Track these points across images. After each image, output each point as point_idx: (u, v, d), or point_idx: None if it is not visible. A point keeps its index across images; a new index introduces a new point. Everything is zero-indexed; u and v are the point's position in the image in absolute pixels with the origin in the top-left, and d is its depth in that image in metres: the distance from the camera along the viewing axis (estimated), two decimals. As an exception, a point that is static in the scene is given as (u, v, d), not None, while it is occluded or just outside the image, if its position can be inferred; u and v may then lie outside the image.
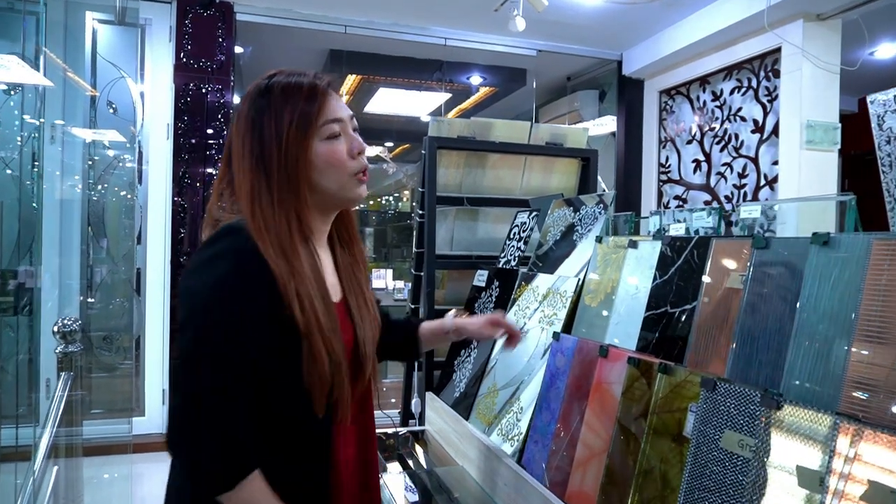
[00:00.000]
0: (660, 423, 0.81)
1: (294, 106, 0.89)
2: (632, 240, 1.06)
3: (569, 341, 1.08)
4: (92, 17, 3.53)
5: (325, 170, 0.91)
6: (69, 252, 3.58)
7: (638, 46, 4.11)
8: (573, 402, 1.01)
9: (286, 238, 0.89)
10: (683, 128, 3.98)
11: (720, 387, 0.72)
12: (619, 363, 0.92)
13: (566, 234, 1.38)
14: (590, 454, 0.93)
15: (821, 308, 0.69)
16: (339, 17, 3.73)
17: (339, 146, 0.92)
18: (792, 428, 0.62)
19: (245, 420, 0.83)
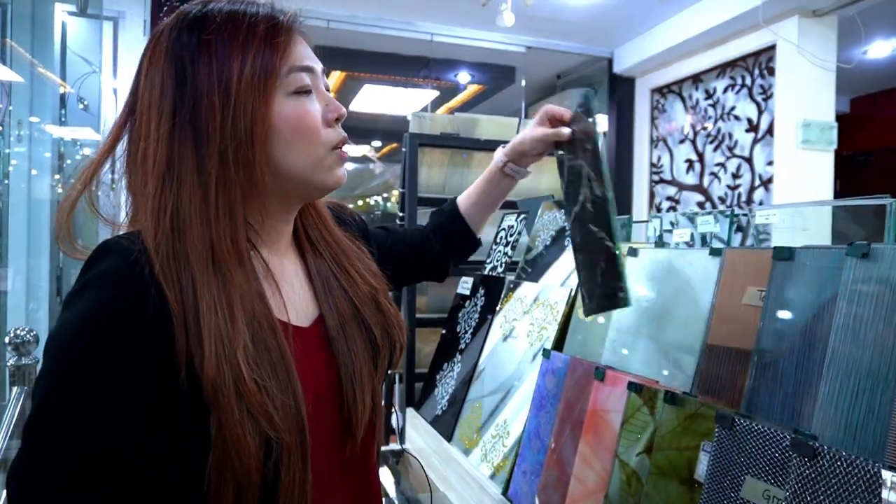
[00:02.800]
0: (665, 462, 0.70)
1: (246, 45, 0.61)
2: (631, 247, 0.95)
3: (560, 360, 0.97)
4: (61, 10, 3.39)
5: (293, 140, 0.64)
6: (38, 254, 3.43)
7: (629, 44, 4.02)
8: (565, 430, 0.90)
9: (222, 247, 0.60)
10: (675, 127, 3.90)
11: (739, 424, 0.61)
12: (619, 388, 0.81)
13: (557, 239, 1.27)
14: (584, 491, 0.82)
15: (860, 331, 0.58)
16: (321, 10, 3.61)
17: (311, 106, 0.65)
18: (833, 481, 0.51)
19: None
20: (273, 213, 0.69)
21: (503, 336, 1.25)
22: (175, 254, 0.58)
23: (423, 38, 3.85)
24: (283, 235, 0.72)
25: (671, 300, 0.86)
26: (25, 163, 3.41)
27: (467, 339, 1.38)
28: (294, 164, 0.65)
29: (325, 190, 0.70)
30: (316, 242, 0.76)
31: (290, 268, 0.72)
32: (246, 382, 0.55)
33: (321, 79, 0.68)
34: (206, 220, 0.60)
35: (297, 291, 0.71)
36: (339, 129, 0.68)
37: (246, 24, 0.62)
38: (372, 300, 0.75)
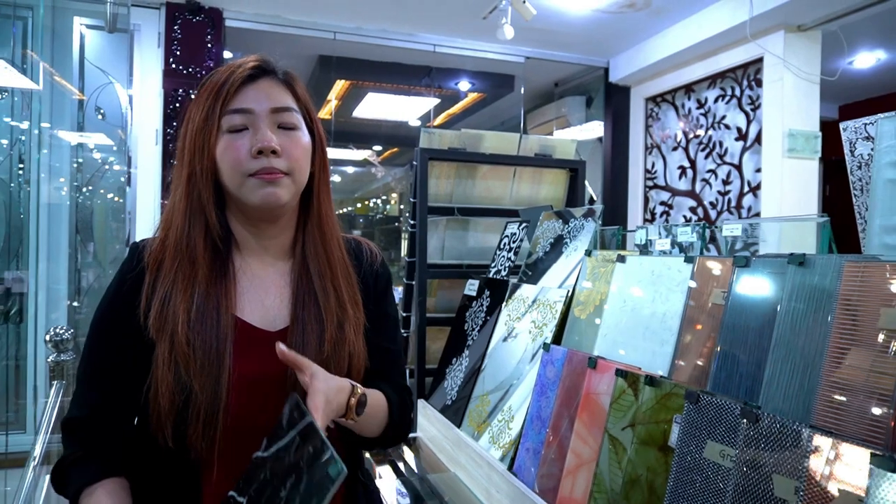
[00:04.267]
0: (646, 434, 0.85)
1: (206, 96, 0.83)
2: (620, 254, 1.10)
3: (559, 352, 1.11)
4: (80, 23, 3.53)
5: (223, 166, 0.82)
6: (57, 257, 3.56)
7: (624, 54, 4.18)
8: (563, 412, 1.05)
9: (184, 240, 0.82)
10: (669, 134, 4.05)
11: (703, 399, 0.76)
12: (608, 374, 0.96)
13: (555, 246, 1.42)
14: (579, 462, 0.97)
15: (797, 325, 0.73)
16: (328, 23, 3.75)
17: (238, 141, 0.81)
18: (770, 439, 0.66)
19: (101, 426, 0.81)
20: (244, 223, 0.88)
21: (504, 336, 1.40)
22: (163, 244, 0.84)
23: (425, 49, 4.00)
24: (269, 246, 0.89)
25: (652, 299, 1.01)
26: (45, 169, 3.55)
27: (474, 336, 1.53)
28: (229, 185, 0.83)
29: (256, 207, 0.83)
30: (309, 258, 0.89)
31: (273, 276, 0.88)
32: (178, 335, 0.77)
33: (268, 117, 0.83)
34: (184, 219, 0.83)
35: (273, 297, 0.87)
36: (263, 159, 0.81)
37: (209, 82, 0.84)
38: (337, 322, 0.86)
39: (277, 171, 0.81)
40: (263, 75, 0.85)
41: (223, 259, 0.84)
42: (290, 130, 0.84)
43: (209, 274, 0.82)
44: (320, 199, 0.92)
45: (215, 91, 0.82)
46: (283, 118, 0.84)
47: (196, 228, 0.83)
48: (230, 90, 0.82)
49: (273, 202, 0.82)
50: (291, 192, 0.85)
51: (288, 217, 0.90)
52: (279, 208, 0.84)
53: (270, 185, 0.81)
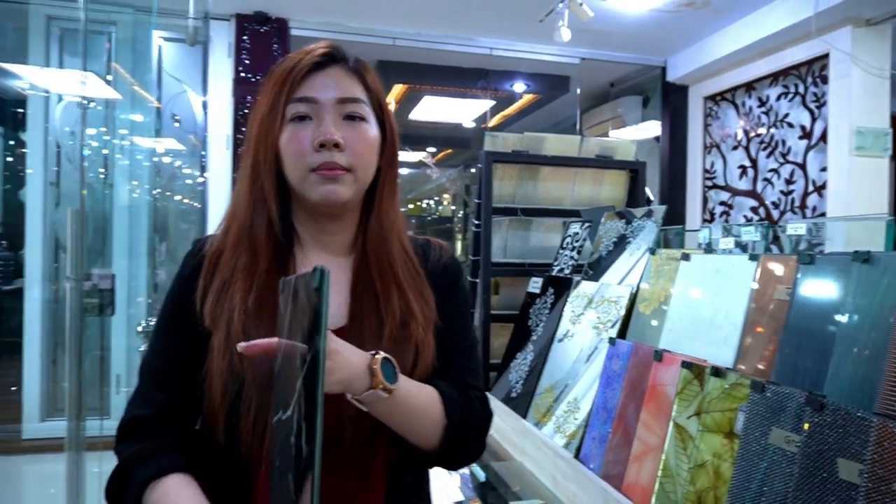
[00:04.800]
0: (712, 422, 0.90)
1: (273, 83, 0.80)
2: (684, 253, 1.14)
3: (624, 346, 1.17)
4: (158, 36, 3.76)
5: (286, 158, 0.79)
6: (136, 255, 3.81)
7: (682, 53, 4.14)
8: (629, 402, 1.10)
9: (246, 231, 0.80)
10: (729, 133, 3.99)
11: (768, 389, 0.81)
12: (673, 367, 1.01)
13: (618, 245, 1.47)
14: (645, 449, 1.02)
15: (862, 321, 0.77)
16: (388, 29, 3.88)
17: (301, 132, 0.78)
18: (834, 425, 0.71)
19: (167, 424, 0.77)
20: (306, 218, 0.84)
21: (565, 333, 1.46)
22: (226, 235, 0.83)
23: (482, 53, 4.07)
24: (330, 242, 0.85)
25: (716, 296, 1.05)
26: (126, 173, 3.81)
27: (538, 331, 1.59)
28: (290, 178, 0.80)
29: (315, 203, 0.79)
30: (369, 255, 0.84)
31: (334, 271, 0.82)
32: (234, 323, 0.75)
33: (334, 108, 0.78)
34: (247, 210, 0.81)
35: (332, 294, 0.80)
36: (325, 153, 0.76)
37: (278, 68, 0.81)
38: (400, 319, 0.80)
39: (339, 168, 0.77)
40: (332, 63, 0.81)
41: (284, 252, 0.81)
42: (357, 122, 0.80)
43: (269, 266, 0.79)
44: (383, 196, 0.86)
45: (282, 78, 0.79)
46: (349, 109, 0.80)
47: (258, 220, 0.80)
48: (296, 77, 0.78)
49: (333, 200, 0.78)
50: (353, 190, 0.80)
51: (351, 213, 0.86)
52: (340, 206, 0.81)
53: (331, 182, 0.77)
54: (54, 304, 3.73)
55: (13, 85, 4.81)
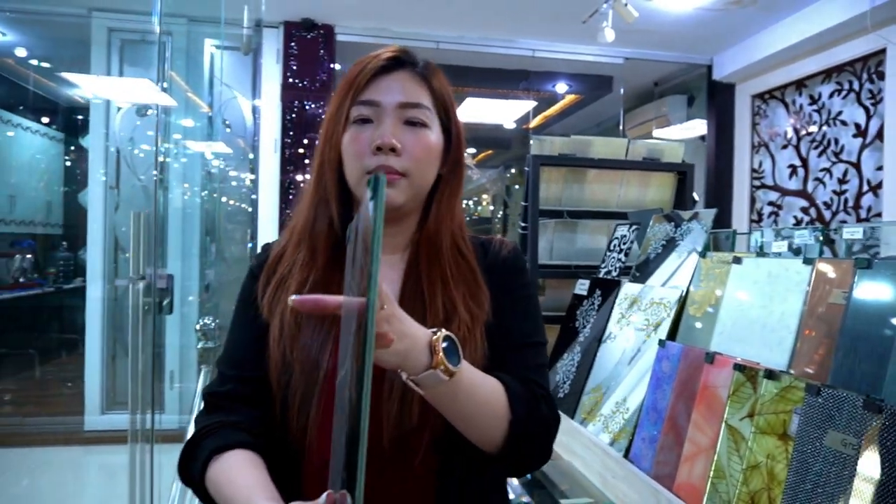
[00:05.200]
0: (765, 424, 0.90)
1: (343, 85, 0.82)
2: (736, 256, 1.15)
3: (674, 348, 1.18)
4: (210, 44, 3.90)
5: (346, 160, 0.81)
6: (189, 256, 3.96)
7: (729, 51, 4.07)
8: (679, 404, 1.12)
9: (308, 230, 0.83)
10: (778, 132, 3.91)
11: (823, 392, 0.81)
12: (726, 369, 1.02)
13: (667, 247, 1.47)
14: (696, 450, 1.03)
15: (921, 324, 0.77)
16: (431, 33, 3.93)
17: (362, 134, 0.79)
18: (892, 430, 0.71)
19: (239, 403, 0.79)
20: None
21: (613, 335, 1.47)
22: (291, 233, 0.86)
23: (524, 54, 4.09)
24: (387, 242, 0.84)
25: (770, 299, 1.05)
26: (179, 177, 3.97)
27: (585, 332, 1.61)
28: (349, 178, 0.81)
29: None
30: (421, 258, 0.83)
31: (386, 271, 0.83)
32: (287, 313, 0.78)
33: (396, 112, 0.79)
34: (310, 209, 0.84)
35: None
36: (381, 156, 0.77)
37: (349, 70, 0.83)
38: (443, 319, 0.78)
39: (394, 172, 0.78)
40: (399, 67, 0.82)
41: (343, 251, 0.79)
42: (417, 128, 0.80)
43: (325, 263, 0.82)
44: (442, 201, 0.86)
45: (350, 80, 0.81)
46: (410, 114, 0.80)
47: (320, 218, 0.83)
48: (362, 80, 0.80)
49: (385, 205, 0.80)
50: (408, 195, 0.80)
51: (409, 217, 0.86)
52: (393, 210, 0.81)
53: (385, 186, 0.78)
54: (113, 303, 3.90)
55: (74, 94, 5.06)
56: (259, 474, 0.71)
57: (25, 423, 4.11)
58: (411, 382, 0.65)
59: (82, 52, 3.75)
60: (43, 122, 5.54)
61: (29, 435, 3.75)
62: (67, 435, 3.69)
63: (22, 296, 4.98)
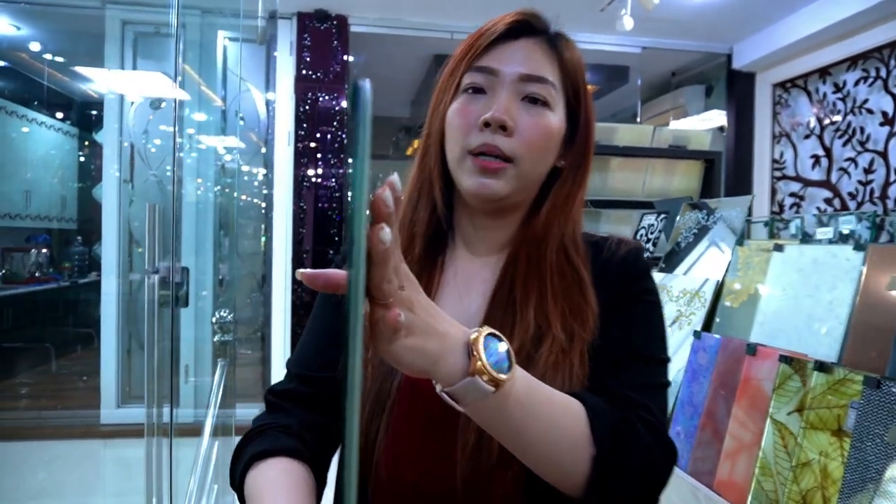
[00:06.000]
0: (816, 419, 0.86)
1: (460, 50, 0.72)
2: (777, 244, 1.09)
3: (711, 340, 1.13)
4: (223, 36, 3.87)
5: (449, 133, 0.70)
6: (203, 250, 3.94)
7: (750, 39, 3.98)
8: (718, 398, 1.07)
9: (409, 213, 0.74)
10: (800, 121, 3.82)
11: (884, 385, 0.76)
12: (769, 361, 0.97)
13: (698, 237, 1.42)
14: (739, 446, 0.99)
15: None
16: (445, 23, 3.87)
17: (470, 105, 0.68)
18: (965, 424, 0.66)
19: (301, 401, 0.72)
20: (464, 206, 0.73)
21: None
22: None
23: (540, 44, 4.01)
24: (485, 238, 0.74)
25: (816, 288, 1.00)
26: (193, 171, 3.95)
27: (612, 324, 1.56)
28: (449, 157, 0.70)
29: (468, 194, 0.69)
30: (519, 259, 0.71)
31: (480, 270, 0.73)
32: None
33: (506, 83, 0.68)
34: (413, 189, 0.75)
35: (474, 295, 0.71)
36: (488, 134, 0.66)
37: (468, 38, 0.72)
38: (533, 335, 0.66)
39: (499, 155, 0.66)
40: (526, 34, 0.71)
41: (439, 242, 0.74)
42: (537, 107, 0.68)
43: (422, 253, 0.72)
44: (556, 201, 0.72)
45: (469, 43, 0.71)
46: (531, 89, 0.68)
47: (423, 202, 0.74)
48: (482, 45, 0.69)
49: (485, 195, 0.67)
50: (513, 186, 0.68)
51: (512, 212, 0.73)
52: (493, 202, 0.69)
53: (486, 174, 0.67)
54: (128, 297, 3.90)
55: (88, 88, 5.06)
56: (293, 490, 0.61)
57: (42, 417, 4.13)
58: (446, 395, 0.51)
59: (96, 45, 3.73)
60: (57, 117, 5.55)
61: (46, 428, 3.76)
62: (84, 428, 3.70)
63: (37, 290, 5.00)
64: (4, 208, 4.87)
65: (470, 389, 0.49)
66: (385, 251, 0.40)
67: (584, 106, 0.74)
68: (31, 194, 5.21)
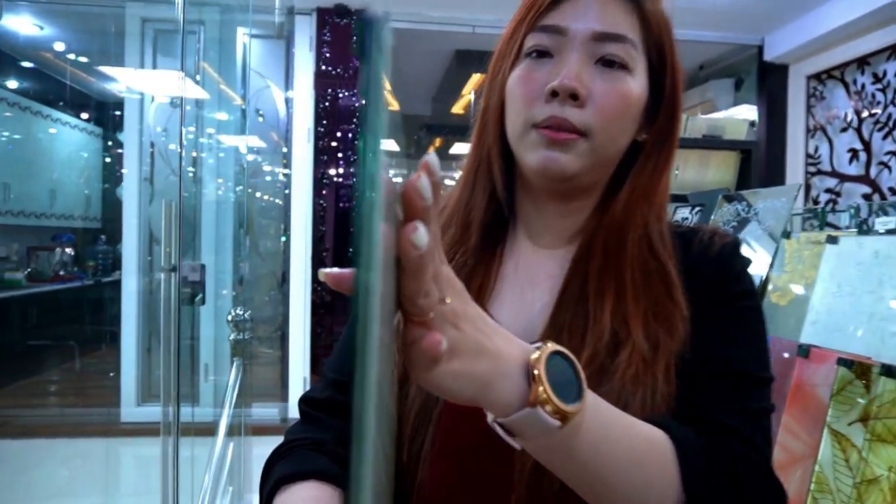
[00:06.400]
0: (884, 430, 0.76)
1: (520, 9, 0.62)
2: (831, 235, 1.00)
3: (756, 340, 1.04)
4: (242, 32, 3.85)
5: (509, 105, 0.61)
6: (223, 249, 3.92)
7: (783, 29, 3.84)
8: (766, 404, 0.98)
9: (465, 198, 0.65)
10: (836, 114, 3.67)
11: (967, 393, 0.67)
12: (826, 365, 0.88)
13: (737, 230, 1.33)
14: (790, 458, 0.89)
15: None
16: (466, 17, 3.80)
17: (535, 71, 0.59)
18: None
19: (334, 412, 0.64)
20: (527, 190, 0.64)
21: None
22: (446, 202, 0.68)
23: (564, 38, 3.92)
24: (552, 226, 0.64)
25: (878, 283, 0.90)
26: (213, 170, 3.93)
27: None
28: (509, 133, 0.62)
29: (530, 172, 0.60)
30: (593, 251, 0.61)
31: (546, 264, 0.64)
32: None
33: (577, 44, 0.57)
34: (469, 171, 0.66)
35: (538, 293, 0.62)
36: (556, 105, 0.57)
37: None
38: (607, 344, 0.55)
39: (569, 128, 0.56)
40: None
41: (497, 230, 0.65)
42: (614, 71, 0.58)
43: (478, 243, 0.63)
44: (639, 181, 0.62)
45: (530, 1, 0.61)
46: (608, 50, 0.58)
47: (480, 185, 0.65)
48: (546, 0, 0.59)
49: (553, 172, 0.58)
50: (585, 163, 0.58)
51: (585, 194, 0.63)
52: (562, 182, 0.59)
53: (555, 147, 0.57)
54: (148, 296, 3.90)
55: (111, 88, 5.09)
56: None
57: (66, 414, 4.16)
58: (499, 428, 0.42)
59: (118, 44, 3.74)
60: (82, 117, 5.61)
61: (69, 425, 3.78)
62: (105, 426, 3.70)
63: (62, 289, 5.05)
64: (30, 207, 4.93)
65: (530, 422, 0.40)
66: (420, 258, 0.32)
67: (671, 69, 0.63)
68: (56, 193, 5.27)
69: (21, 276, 4.72)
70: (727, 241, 0.62)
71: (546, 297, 0.61)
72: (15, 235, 4.89)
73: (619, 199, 0.62)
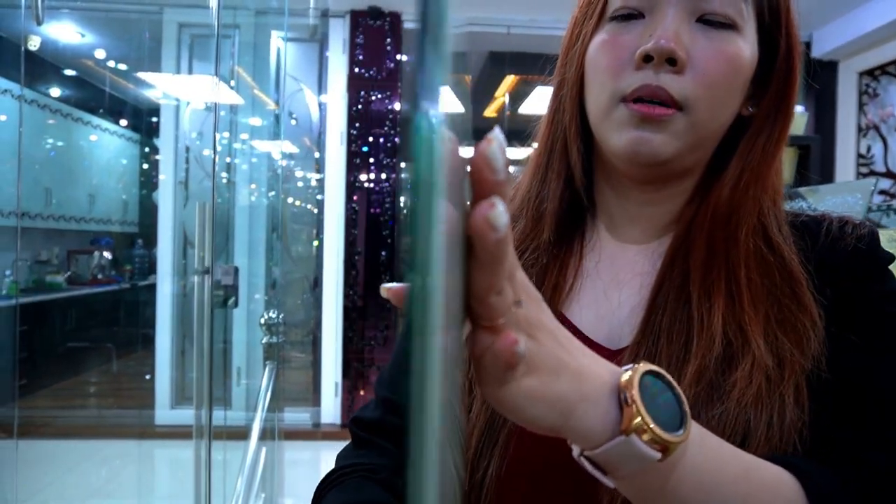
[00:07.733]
0: None
1: None
2: None
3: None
4: (276, 36, 3.85)
5: (590, 76, 0.51)
6: (255, 253, 3.92)
7: (831, 24, 3.68)
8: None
9: (536, 185, 0.57)
10: (891, 112, 3.49)
11: None
12: None
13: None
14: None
15: None
16: (501, 17, 3.74)
17: (622, 35, 0.49)
18: None
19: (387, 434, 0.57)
20: (608, 176, 0.55)
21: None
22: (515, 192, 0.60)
23: (601, 37, 3.83)
24: (639, 216, 0.54)
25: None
26: (246, 175, 3.94)
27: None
28: (590, 108, 0.52)
29: (616, 155, 0.50)
30: (693, 244, 0.50)
31: (634, 259, 0.54)
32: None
33: (677, 1, 0.47)
34: (541, 154, 0.57)
35: (625, 294, 0.53)
36: (649, 72, 0.47)
37: None
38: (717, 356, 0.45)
39: (665, 98, 0.46)
40: None
41: (574, 221, 0.56)
42: (718, 31, 0.48)
43: (554, 236, 0.54)
44: (750, 160, 0.51)
45: None
46: (710, 6, 0.47)
47: (553, 171, 0.55)
48: None
49: (644, 157, 0.48)
50: (682, 143, 0.48)
51: (681, 179, 0.53)
52: (654, 166, 0.49)
53: (646, 125, 0.47)
54: (182, 299, 3.92)
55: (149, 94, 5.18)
56: None
57: (102, 416, 4.21)
58: (586, 461, 0.35)
59: (155, 50, 3.78)
60: (121, 123, 5.71)
61: (106, 427, 3.82)
62: (141, 428, 3.73)
63: (100, 292, 5.12)
64: (71, 212, 5.02)
65: (625, 455, 0.33)
66: (498, 243, 0.26)
67: (786, 27, 0.51)
68: (95, 198, 5.37)
69: (62, 279, 4.81)
70: (863, 232, 0.50)
71: (635, 299, 0.51)
72: (56, 239, 4.99)
73: (724, 182, 0.51)
